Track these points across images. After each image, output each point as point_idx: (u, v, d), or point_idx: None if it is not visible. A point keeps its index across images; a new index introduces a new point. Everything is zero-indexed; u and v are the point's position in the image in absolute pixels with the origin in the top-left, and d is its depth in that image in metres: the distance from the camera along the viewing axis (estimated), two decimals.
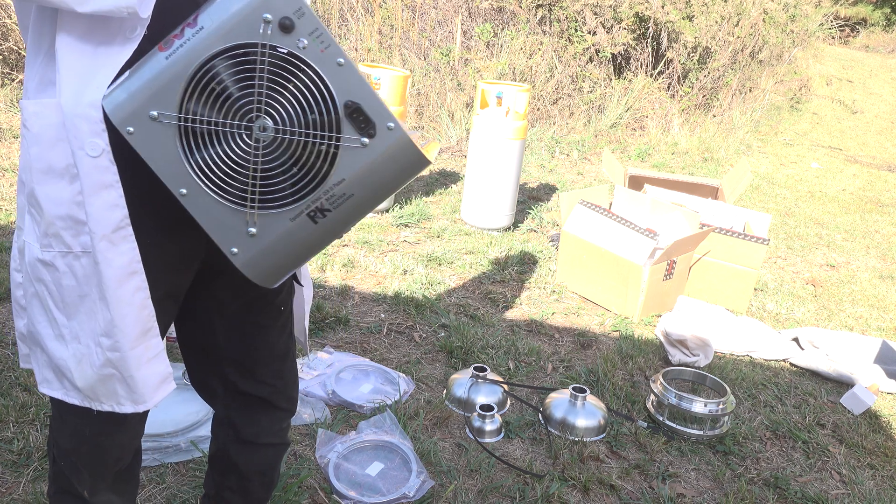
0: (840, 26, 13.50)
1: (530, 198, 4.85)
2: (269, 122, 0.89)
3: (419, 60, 6.72)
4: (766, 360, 3.04)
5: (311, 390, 2.42)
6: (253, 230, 0.93)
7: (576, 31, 7.24)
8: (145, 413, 1.18)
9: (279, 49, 0.87)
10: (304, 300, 1.43)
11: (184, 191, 0.92)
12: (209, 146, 0.91)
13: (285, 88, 0.88)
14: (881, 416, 2.72)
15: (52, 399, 1.14)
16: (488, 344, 2.86)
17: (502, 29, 7.11)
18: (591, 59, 7.29)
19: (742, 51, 7.87)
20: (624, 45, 7.26)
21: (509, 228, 4.24)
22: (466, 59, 6.79)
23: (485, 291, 3.37)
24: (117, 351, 1.02)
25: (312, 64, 0.87)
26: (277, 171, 0.90)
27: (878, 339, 3.16)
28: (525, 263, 3.76)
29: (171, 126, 0.90)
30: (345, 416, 2.34)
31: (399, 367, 2.66)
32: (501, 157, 4.00)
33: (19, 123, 4.88)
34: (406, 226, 4.12)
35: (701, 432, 2.41)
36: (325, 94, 0.87)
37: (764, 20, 7.94)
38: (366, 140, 0.88)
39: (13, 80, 5.41)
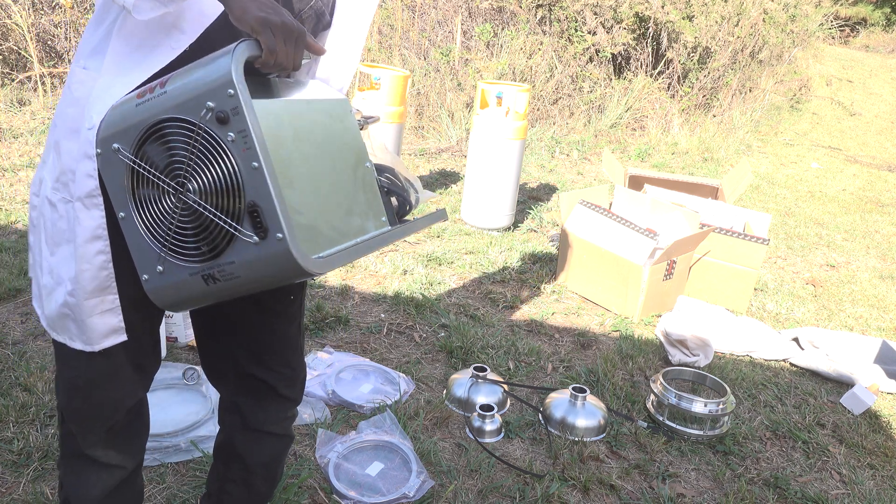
0: (840, 26, 13.50)
1: (530, 198, 4.85)
2: (192, 192, 1.00)
3: (419, 60, 6.72)
4: (766, 360, 3.04)
5: (311, 390, 2.42)
6: (160, 268, 1.06)
7: (576, 31, 7.24)
8: (141, 373, 1.30)
9: (211, 133, 0.97)
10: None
11: (122, 214, 1.06)
12: (146, 189, 1.04)
13: (209, 168, 0.99)
14: (881, 416, 2.72)
15: (54, 349, 1.28)
16: (488, 344, 2.86)
17: (502, 29, 7.11)
18: (591, 59, 7.29)
19: (742, 51, 7.87)
20: (624, 45, 7.27)
21: (509, 228, 4.24)
22: (466, 59, 6.79)
23: (485, 291, 3.37)
24: (74, 297, 1.15)
25: (233, 158, 0.97)
26: (187, 232, 1.02)
27: (878, 339, 3.16)
28: (525, 263, 3.76)
29: (124, 162, 1.04)
30: (345, 416, 2.34)
31: (399, 367, 2.66)
32: (501, 157, 4.00)
33: (19, 123, 4.88)
34: None
35: (701, 432, 2.41)
36: (236, 187, 0.97)
37: (764, 20, 7.94)
38: (257, 239, 0.97)
39: (13, 80, 5.41)
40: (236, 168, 0.96)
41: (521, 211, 4.56)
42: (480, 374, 2.50)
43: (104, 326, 1.19)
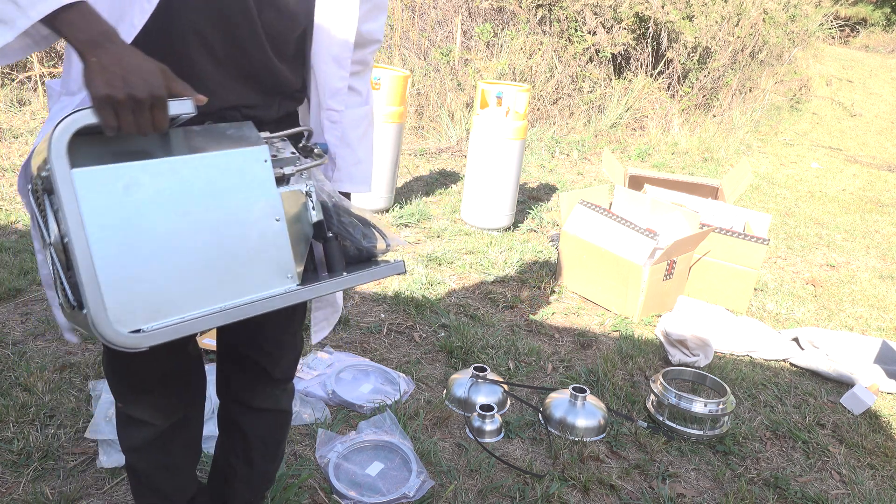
0: (840, 26, 13.50)
1: (530, 198, 4.85)
2: (50, 245, 1.01)
3: (419, 60, 6.72)
4: (766, 360, 3.04)
5: (311, 390, 2.42)
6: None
7: (576, 31, 7.24)
8: (165, 348, 1.27)
9: (41, 202, 0.99)
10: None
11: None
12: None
13: (52, 228, 0.99)
14: (881, 416, 2.72)
15: None
16: (488, 344, 2.86)
17: (502, 29, 7.11)
18: (591, 59, 7.29)
19: (742, 51, 7.87)
20: (624, 45, 7.26)
21: (509, 228, 4.24)
22: (466, 59, 6.79)
23: (485, 291, 3.37)
24: None
25: (59, 226, 0.96)
26: (66, 278, 1.02)
27: (878, 339, 3.16)
28: (525, 263, 3.76)
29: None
30: (345, 416, 2.34)
31: (399, 367, 2.66)
32: (501, 157, 4.00)
33: (19, 123, 4.88)
34: (406, 226, 4.12)
35: (701, 432, 2.41)
36: (67, 253, 0.96)
37: (764, 20, 7.94)
38: (75, 305, 0.99)
39: (13, 80, 5.41)
40: (62, 236, 0.96)
41: (521, 211, 4.56)
42: (480, 374, 2.50)
43: None
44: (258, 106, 1.22)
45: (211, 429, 2.15)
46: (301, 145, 1.22)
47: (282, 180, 1.14)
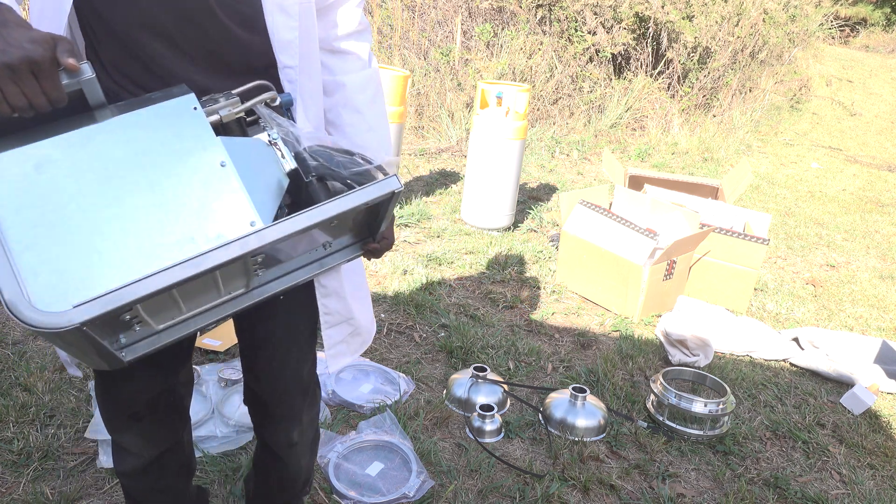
0: (840, 26, 13.50)
1: (530, 198, 4.85)
2: None
3: (419, 60, 6.72)
4: (766, 360, 3.04)
5: None
6: None
7: (576, 31, 7.24)
8: (155, 367, 1.26)
9: None
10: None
11: None
12: None
13: None
14: (881, 416, 2.72)
15: None
16: (488, 344, 2.86)
17: (502, 29, 7.11)
18: (591, 59, 7.29)
19: (742, 51, 7.87)
20: (624, 45, 7.26)
21: (509, 228, 4.24)
22: (466, 59, 6.79)
23: (485, 291, 3.37)
24: None
25: None
26: None
27: (878, 339, 3.16)
28: (525, 263, 3.75)
29: None
30: (345, 416, 2.34)
31: (399, 367, 2.66)
32: (501, 157, 4.00)
33: None
34: (406, 226, 4.12)
35: (701, 432, 2.41)
36: None
37: (764, 20, 7.94)
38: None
39: None
40: None
41: (521, 211, 4.56)
42: (480, 374, 2.50)
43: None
44: (227, 88, 1.09)
45: (211, 429, 2.15)
46: (262, 102, 1.09)
47: (221, 127, 1.04)
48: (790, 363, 3.04)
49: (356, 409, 2.37)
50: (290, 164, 1.05)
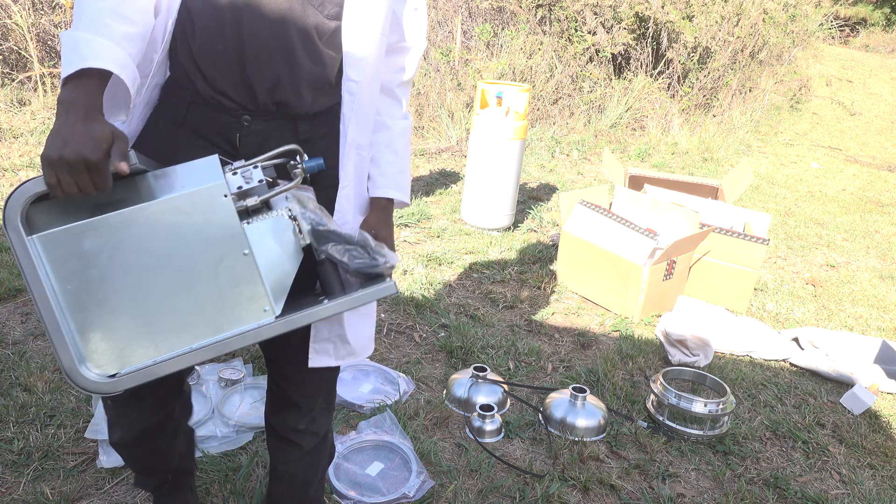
0: (840, 26, 13.50)
1: (530, 198, 4.85)
2: None
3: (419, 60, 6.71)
4: (766, 360, 3.04)
5: None
6: None
7: (576, 31, 7.24)
8: (157, 398, 1.41)
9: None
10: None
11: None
12: None
13: None
14: (881, 416, 2.72)
15: None
16: (488, 344, 2.86)
17: (502, 29, 7.11)
18: (591, 59, 7.29)
19: (742, 51, 7.87)
20: (624, 45, 7.26)
21: (509, 228, 4.24)
22: (466, 59, 6.79)
23: (485, 291, 3.37)
24: None
25: None
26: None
27: (878, 339, 3.16)
28: (525, 263, 3.76)
29: None
30: (345, 416, 2.34)
31: (399, 367, 2.66)
32: (501, 157, 4.00)
33: (19, 123, 4.88)
34: (406, 226, 4.12)
35: (701, 432, 2.41)
36: None
37: (764, 20, 7.94)
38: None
39: (13, 80, 5.41)
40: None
41: (521, 211, 4.56)
42: (480, 374, 2.50)
43: None
44: (292, 101, 1.23)
45: (211, 429, 2.15)
46: (290, 164, 1.18)
47: (245, 213, 1.13)
48: (790, 363, 3.04)
49: (356, 409, 2.37)
50: (306, 239, 1.17)
